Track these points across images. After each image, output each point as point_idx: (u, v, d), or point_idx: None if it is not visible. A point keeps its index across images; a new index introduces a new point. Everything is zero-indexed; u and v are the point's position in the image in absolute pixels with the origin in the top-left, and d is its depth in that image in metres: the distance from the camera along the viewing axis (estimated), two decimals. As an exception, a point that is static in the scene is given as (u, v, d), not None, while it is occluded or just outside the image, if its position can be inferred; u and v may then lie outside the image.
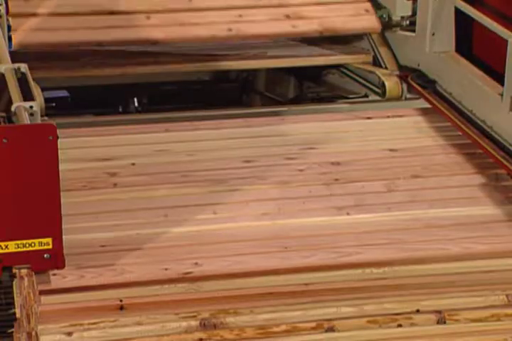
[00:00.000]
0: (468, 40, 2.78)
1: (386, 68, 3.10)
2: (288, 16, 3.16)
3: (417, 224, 2.33)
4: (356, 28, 3.02)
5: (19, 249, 1.91)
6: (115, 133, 2.92)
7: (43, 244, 1.92)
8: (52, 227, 1.92)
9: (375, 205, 2.45)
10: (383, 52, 3.11)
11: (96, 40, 3.04)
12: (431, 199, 2.46)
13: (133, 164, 2.68)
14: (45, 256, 1.93)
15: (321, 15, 3.14)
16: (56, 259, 1.95)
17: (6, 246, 1.90)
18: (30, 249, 1.92)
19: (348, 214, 2.37)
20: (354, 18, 3.07)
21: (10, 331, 2.39)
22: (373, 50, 3.14)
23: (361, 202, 2.43)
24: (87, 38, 3.03)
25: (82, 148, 2.79)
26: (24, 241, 1.91)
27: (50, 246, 1.92)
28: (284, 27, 3.21)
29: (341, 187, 2.54)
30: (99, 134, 2.91)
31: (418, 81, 2.96)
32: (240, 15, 3.19)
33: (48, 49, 2.99)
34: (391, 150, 2.74)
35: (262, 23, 3.17)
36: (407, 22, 3.07)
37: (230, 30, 3.10)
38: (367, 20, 2.99)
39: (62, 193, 1.94)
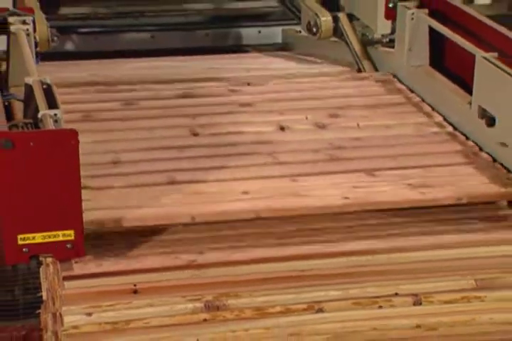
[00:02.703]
0: (441, 55, 2.80)
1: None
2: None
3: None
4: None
5: (45, 240, 1.93)
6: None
7: (65, 235, 1.94)
8: (74, 221, 1.95)
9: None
10: (366, 65, 3.15)
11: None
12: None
13: None
14: (68, 246, 1.95)
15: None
16: (77, 249, 1.97)
17: (34, 238, 1.93)
18: (55, 239, 1.94)
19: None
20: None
21: (38, 311, 2.41)
22: (357, 63, 3.17)
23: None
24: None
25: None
26: (49, 233, 1.93)
27: (72, 237, 1.95)
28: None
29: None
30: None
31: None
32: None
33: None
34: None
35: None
36: (387, 39, 3.11)
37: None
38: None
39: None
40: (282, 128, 2.54)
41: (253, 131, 2.53)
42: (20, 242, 1.92)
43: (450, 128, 2.55)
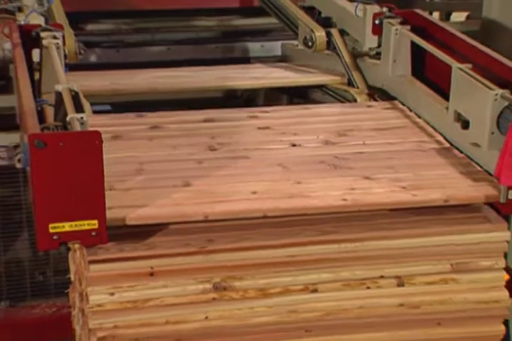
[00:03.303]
0: (422, 66, 2.79)
1: (358, 88, 3.11)
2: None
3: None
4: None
5: (73, 229, 1.92)
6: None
7: (90, 224, 1.93)
8: (98, 212, 1.93)
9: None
10: (355, 75, 3.12)
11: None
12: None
13: None
14: (93, 234, 1.94)
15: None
16: (101, 236, 1.95)
17: (63, 227, 1.91)
18: (81, 228, 1.93)
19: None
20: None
21: (67, 291, 2.40)
22: (347, 73, 3.15)
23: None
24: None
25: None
26: (76, 223, 1.92)
27: (97, 226, 1.93)
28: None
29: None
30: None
31: (382, 97, 2.96)
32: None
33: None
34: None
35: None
36: (374, 52, 3.08)
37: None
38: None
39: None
40: (294, 145, 2.51)
41: (267, 148, 2.50)
42: (51, 231, 1.91)
43: (447, 145, 2.53)
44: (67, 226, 1.91)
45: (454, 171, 2.36)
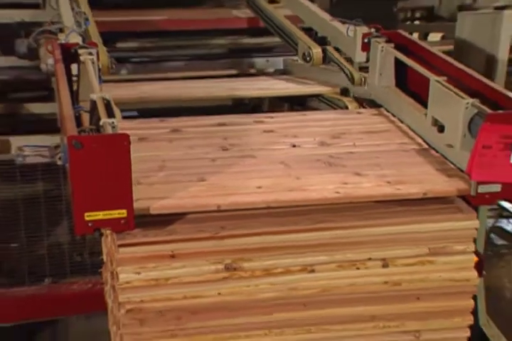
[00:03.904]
0: (404, 78, 2.78)
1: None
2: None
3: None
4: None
5: (105, 217, 1.92)
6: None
7: (120, 213, 1.93)
8: (127, 203, 1.93)
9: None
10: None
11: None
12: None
13: None
14: (122, 221, 1.94)
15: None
16: (129, 223, 1.95)
17: (97, 215, 1.92)
18: (112, 216, 1.93)
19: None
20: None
21: (100, 270, 2.41)
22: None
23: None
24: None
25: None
26: (108, 212, 1.92)
27: (125, 215, 1.93)
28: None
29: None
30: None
31: (370, 105, 2.95)
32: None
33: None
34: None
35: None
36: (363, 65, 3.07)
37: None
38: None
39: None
40: (294, 146, 2.50)
41: (271, 148, 2.49)
42: (86, 218, 1.91)
43: (425, 146, 2.50)
44: (100, 215, 1.91)
45: (431, 168, 2.35)
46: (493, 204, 2.34)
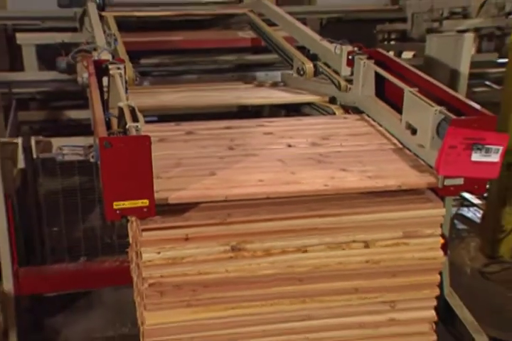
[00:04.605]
0: (382, 89, 2.74)
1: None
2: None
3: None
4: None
5: (130, 205, 1.90)
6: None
7: (143, 202, 1.90)
8: (149, 193, 1.91)
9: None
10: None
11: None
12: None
13: None
14: (145, 209, 1.91)
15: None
16: (150, 211, 1.93)
17: (123, 204, 1.89)
18: (136, 205, 1.90)
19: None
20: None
21: (126, 250, 2.39)
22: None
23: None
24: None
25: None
26: (133, 201, 1.89)
27: (147, 204, 1.91)
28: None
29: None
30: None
31: (354, 112, 2.93)
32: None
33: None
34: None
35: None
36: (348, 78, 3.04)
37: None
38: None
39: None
40: (290, 146, 2.46)
41: (270, 148, 2.45)
42: (115, 207, 1.89)
43: (400, 146, 2.47)
44: (126, 204, 1.89)
45: (405, 165, 2.31)
46: (457, 195, 2.31)
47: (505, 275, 3.83)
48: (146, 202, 1.90)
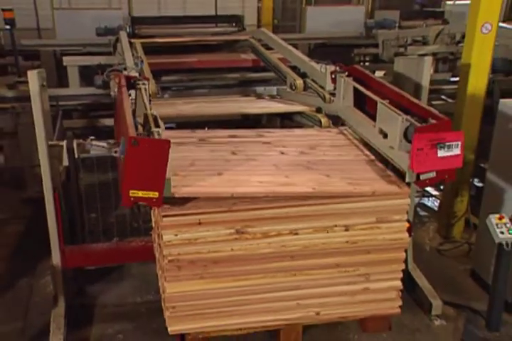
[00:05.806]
0: (360, 101, 2.71)
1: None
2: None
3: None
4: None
5: (143, 195, 1.85)
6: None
7: (154, 194, 1.86)
8: (159, 187, 1.86)
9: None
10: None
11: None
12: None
13: None
14: (154, 200, 1.86)
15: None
16: (158, 202, 1.88)
17: (137, 193, 1.85)
18: (148, 195, 1.86)
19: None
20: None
21: (150, 233, 2.36)
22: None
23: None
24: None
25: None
26: (145, 192, 1.85)
27: (157, 196, 1.86)
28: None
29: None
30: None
31: (336, 119, 2.89)
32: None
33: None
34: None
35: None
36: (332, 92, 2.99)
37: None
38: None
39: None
40: (282, 153, 2.41)
41: (267, 154, 2.40)
42: (130, 195, 1.84)
43: (373, 157, 2.41)
44: (140, 193, 1.84)
45: (376, 174, 2.26)
46: (432, 185, 2.27)
47: (457, 252, 3.85)
48: (156, 194, 1.85)
